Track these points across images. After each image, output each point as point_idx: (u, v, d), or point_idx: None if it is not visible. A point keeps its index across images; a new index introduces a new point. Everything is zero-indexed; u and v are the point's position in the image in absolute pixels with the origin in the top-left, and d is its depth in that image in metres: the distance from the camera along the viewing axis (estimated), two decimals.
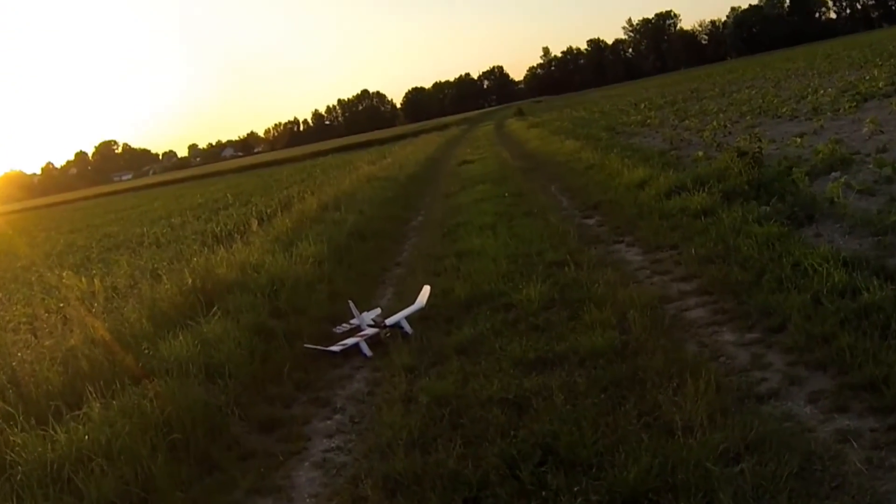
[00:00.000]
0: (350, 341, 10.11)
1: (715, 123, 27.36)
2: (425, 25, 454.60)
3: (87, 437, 7.27)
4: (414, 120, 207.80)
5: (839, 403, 6.45)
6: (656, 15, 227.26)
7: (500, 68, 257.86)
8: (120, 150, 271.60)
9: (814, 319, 7.84)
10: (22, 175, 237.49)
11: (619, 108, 55.29)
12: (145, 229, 30.16)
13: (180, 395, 7.96)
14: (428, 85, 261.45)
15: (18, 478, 6.86)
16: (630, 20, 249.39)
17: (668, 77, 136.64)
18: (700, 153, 20.02)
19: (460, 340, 9.44)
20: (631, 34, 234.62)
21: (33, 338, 10.76)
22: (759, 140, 17.07)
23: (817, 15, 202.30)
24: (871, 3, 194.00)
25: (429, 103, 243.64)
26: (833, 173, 13.96)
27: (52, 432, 7.42)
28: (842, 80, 35.92)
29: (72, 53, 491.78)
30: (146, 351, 9.62)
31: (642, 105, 51.73)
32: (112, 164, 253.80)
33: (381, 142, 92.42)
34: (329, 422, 8.10)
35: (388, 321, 10.29)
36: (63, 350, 9.71)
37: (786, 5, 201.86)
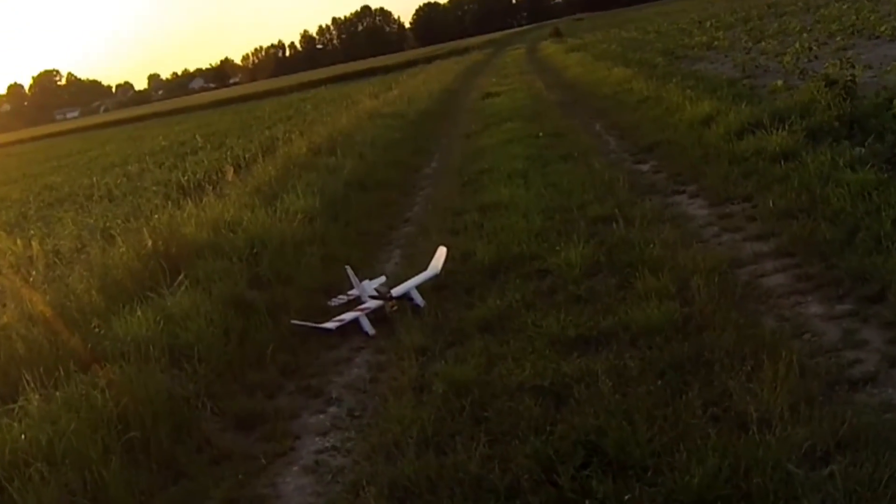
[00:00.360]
0: (348, 316, 10.11)
1: (797, 46, 27.10)
2: None
3: (23, 436, 7.28)
4: (426, 43, 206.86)
5: None
6: None
7: None
8: (64, 81, 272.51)
9: None
10: None
11: (680, 28, 54.93)
12: (95, 179, 30.26)
13: (138, 385, 7.94)
14: None
15: None
16: None
17: None
18: (779, 82, 19.86)
19: (484, 315, 9.43)
20: None
21: None
22: (853, 66, 16.91)
23: None
24: None
25: (445, 22, 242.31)
26: None
27: None
28: None
29: None
30: (96, 330, 9.64)
31: (708, 23, 51.33)
32: (54, 100, 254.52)
33: (386, 70, 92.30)
34: (322, 416, 8.11)
35: (395, 291, 10.30)
36: None
37: None
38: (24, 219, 23.58)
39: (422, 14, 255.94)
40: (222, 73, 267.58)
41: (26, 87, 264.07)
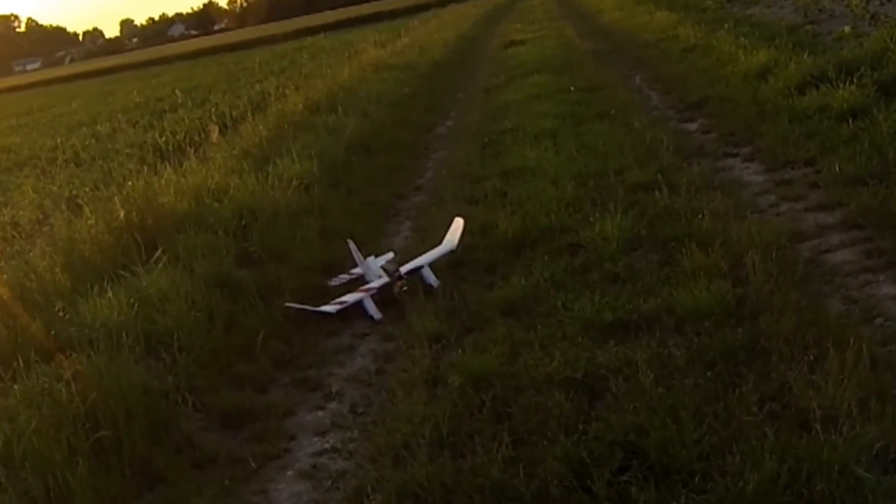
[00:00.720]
0: (351, 298, 10.13)
1: None
2: None
3: None
4: None
5: None
6: None
7: None
8: (23, 28, 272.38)
9: None
10: None
11: None
12: (59, 140, 30.28)
13: (109, 377, 7.95)
14: None
15: None
16: None
17: None
18: (846, 28, 19.78)
19: (507, 296, 9.44)
20: None
21: None
22: None
23: None
24: None
25: None
26: None
27: None
28: None
29: None
30: (61, 314, 9.66)
31: None
32: (12, 49, 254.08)
33: (394, 14, 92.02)
34: (321, 413, 8.14)
35: (405, 269, 10.30)
36: None
37: None
38: None
39: None
40: (206, 18, 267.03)
41: None
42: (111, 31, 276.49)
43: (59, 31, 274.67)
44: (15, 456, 7.05)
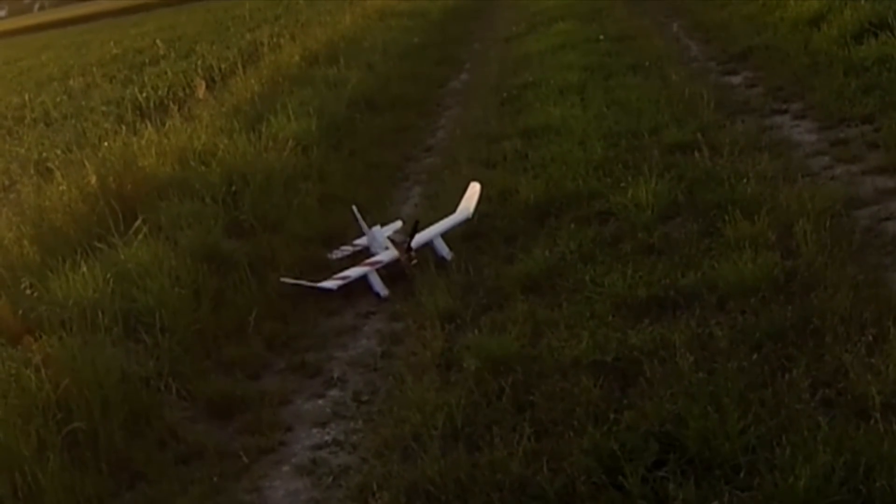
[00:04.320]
0: (354, 273, 10.13)
1: None
2: None
3: None
4: None
5: None
6: None
7: None
8: None
9: None
10: None
11: None
12: (28, 97, 30.12)
13: (84, 361, 7.97)
14: None
15: None
16: None
17: None
18: None
19: (529, 270, 9.44)
20: None
21: None
22: None
23: None
24: None
25: None
26: None
27: None
28: None
29: None
30: (29, 291, 9.68)
31: None
32: None
33: None
34: (321, 401, 8.15)
35: (415, 240, 10.28)
36: None
37: None
38: None
39: None
40: None
41: None
42: None
43: None
44: None
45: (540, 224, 10.63)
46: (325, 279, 10.12)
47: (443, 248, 10.31)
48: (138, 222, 11.18)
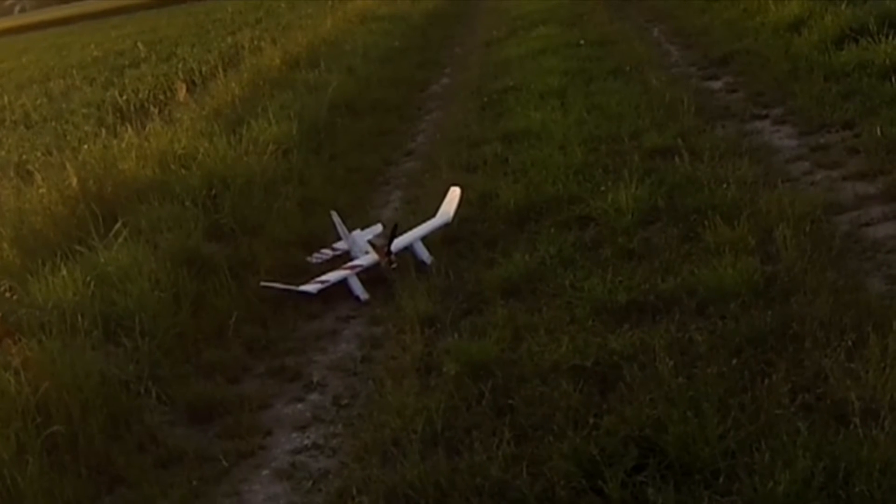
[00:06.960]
0: (334, 277, 10.13)
1: None
2: None
3: None
4: None
5: None
6: None
7: None
8: None
9: None
10: None
11: None
12: (7, 99, 30.11)
13: (63, 365, 7.96)
14: None
15: None
16: None
17: None
18: None
19: (509, 275, 9.44)
20: None
21: None
22: None
23: None
24: None
25: None
26: None
27: None
28: None
29: None
30: (9, 294, 9.65)
31: None
32: None
33: None
34: (300, 405, 8.15)
35: (395, 245, 10.29)
36: None
37: None
38: None
39: None
40: None
41: None
42: None
43: None
44: None
45: (520, 228, 10.64)
46: (304, 283, 10.11)
47: (423, 252, 10.31)
48: (118, 225, 11.16)
